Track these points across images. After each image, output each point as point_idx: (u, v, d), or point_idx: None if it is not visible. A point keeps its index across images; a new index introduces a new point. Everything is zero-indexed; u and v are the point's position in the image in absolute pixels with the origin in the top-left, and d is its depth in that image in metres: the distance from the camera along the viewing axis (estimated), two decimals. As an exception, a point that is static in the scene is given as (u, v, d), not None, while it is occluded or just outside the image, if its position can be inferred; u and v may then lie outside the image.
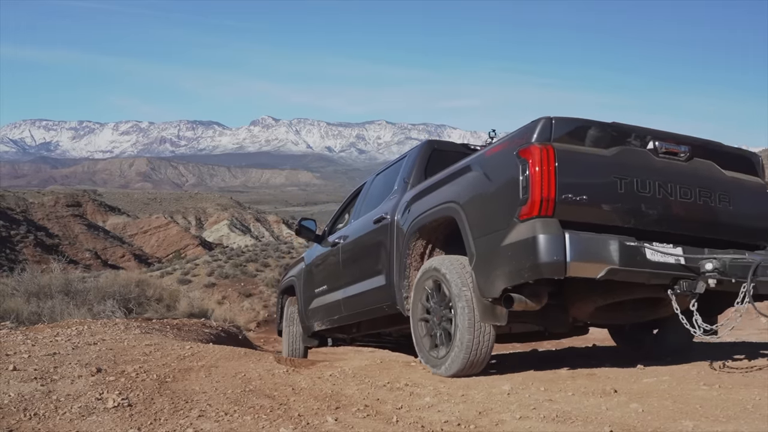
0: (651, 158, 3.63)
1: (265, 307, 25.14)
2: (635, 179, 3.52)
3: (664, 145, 3.68)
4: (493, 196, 3.65)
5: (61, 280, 11.82)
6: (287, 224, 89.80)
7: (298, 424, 2.86)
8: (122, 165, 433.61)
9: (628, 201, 3.49)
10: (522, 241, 3.35)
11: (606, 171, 3.49)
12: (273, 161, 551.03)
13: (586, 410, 2.93)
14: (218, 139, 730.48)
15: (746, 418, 2.66)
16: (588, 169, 3.47)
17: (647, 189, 3.54)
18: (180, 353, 4.63)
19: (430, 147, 5.02)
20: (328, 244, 5.93)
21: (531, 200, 3.34)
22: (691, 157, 3.74)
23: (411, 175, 4.85)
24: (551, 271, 3.26)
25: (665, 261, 3.45)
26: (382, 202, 5.08)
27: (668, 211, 3.58)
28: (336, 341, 6.61)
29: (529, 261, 3.31)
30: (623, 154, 3.57)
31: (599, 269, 3.30)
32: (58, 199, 69.14)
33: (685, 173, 3.68)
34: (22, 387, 3.35)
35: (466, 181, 3.90)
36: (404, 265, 4.47)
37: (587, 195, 3.40)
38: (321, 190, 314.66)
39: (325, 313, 5.86)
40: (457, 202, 3.90)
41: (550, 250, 3.24)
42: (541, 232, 3.28)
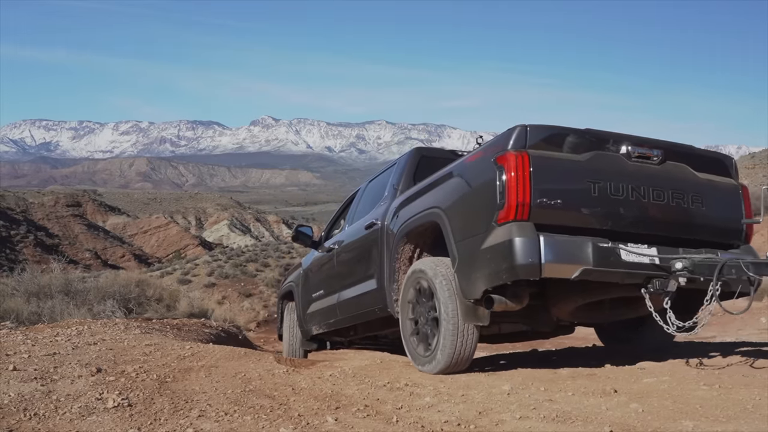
0: (624, 162, 3.76)
1: (265, 307, 25.16)
2: (608, 183, 3.64)
3: (636, 150, 3.80)
4: (473, 202, 3.80)
5: (61, 280, 11.82)
6: (287, 224, 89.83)
7: (298, 424, 2.86)
8: (122, 165, 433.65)
9: (602, 204, 3.62)
10: (499, 244, 3.49)
11: (580, 176, 3.63)
12: (273, 161, 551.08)
13: (586, 410, 2.93)
14: (218, 139, 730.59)
15: (746, 418, 2.66)
16: (562, 175, 3.61)
17: (620, 192, 3.66)
18: (180, 353, 4.63)
19: (419, 154, 5.17)
20: (324, 250, 6.08)
21: (507, 205, 3.49)
22: (663, 160, 3.86)
23: (400, 182, 5.00)
24: (527, 273, 3.40)
25: (639, 261, 3.58)
26: (374, 208, 5.22)
27: (642, 213, 3.71)
28: (334, 344, 6.77)
29: (506, 263, 3.45)
30: (596, 159, 3.70)
31: (574, 270, 3.44)
32: (58, 199, 69.15)
33: (657, 176, 3.80)
34: (22, 387, 3.35)
35: (449, 187, 4.06)
36: (393, 269, 4.60)
37: (561, 199, 3.55)
38: (321, 190, 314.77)
39: (322, 316, 6.00)
40: (440, 207, 4.05)
41: (525, 252, 3.39)
42: (516, 235, 3.43)
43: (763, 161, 40.79)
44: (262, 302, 25.95)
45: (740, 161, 47.04)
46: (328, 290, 5.86)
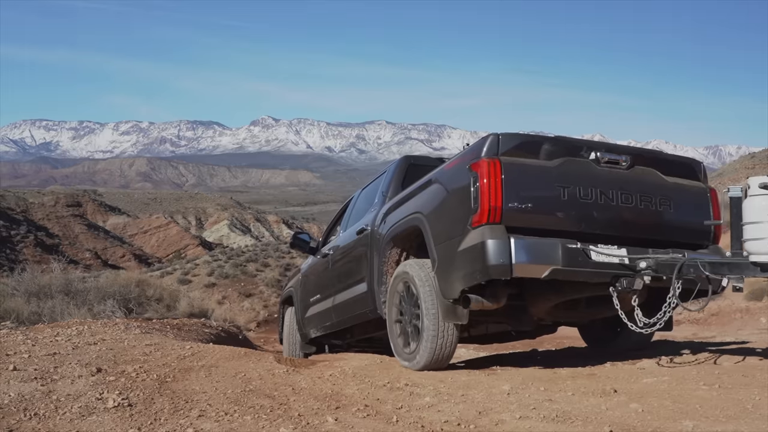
0: (593, 168, 3.95)
1: (265, 307, 25.15)
2: (578, 187, 3.84)
3: (605, 156, 3.99)
4: (450, 207, 4.00)
5: (61, 280, 11.82)
6: (287, 224, 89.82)
7: (298, 424, 2.87)
8: (122, 165, 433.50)
9: (572, 208, 3.82)
10: (473, 246, 3.70)
11: (550, 181, 3.82)
12: (273, 161, 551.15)
13: (586, 410, 2.93)
14: (218, 139, 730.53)
15: (746, 418, 2.66)
16: (533, 180, 3.81)
17: (590, 196, 3.86)
18: (180, 353, 4.63)
19: (407, 162, 5.38)
20: (321, 255, 6.31)
21: (481, 209, 3.70)
22: (632, 165, 4.05)
23: (389, 189, 5.21)
24: (498, 273, 3.61)
25: (608, 261, 3.76)
26: (365, 215, 5.44)
27: (611, 215, 3.89)
28: (333, 348, 6.93)
29: (479, 264, 3.65)
30: (566, 165, 3.89)
31: (543, 270, 3.64)
32: (58, 199, 69.14)
33: (626, 180, 3.98)
34: (22, 387, 3.35)
35: (429, 193, 4.28)
36: (382, 272, 4.81)
37: (532, 203, 3.76)
38: (321, 190, 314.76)
39: (318, 320, 6.22)
40: (421, 212, 4.27)
41: (496, 253, 3.60)
42: (489, 237, 3.63)
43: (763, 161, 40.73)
44: (262, 302, 25.94)
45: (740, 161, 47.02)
46: (324, 294, 6.05)
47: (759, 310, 13.91)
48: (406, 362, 4.34)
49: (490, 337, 5.58)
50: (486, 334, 5.30)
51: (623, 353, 4.79)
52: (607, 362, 4.44)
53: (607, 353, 4.80)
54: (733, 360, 4.12)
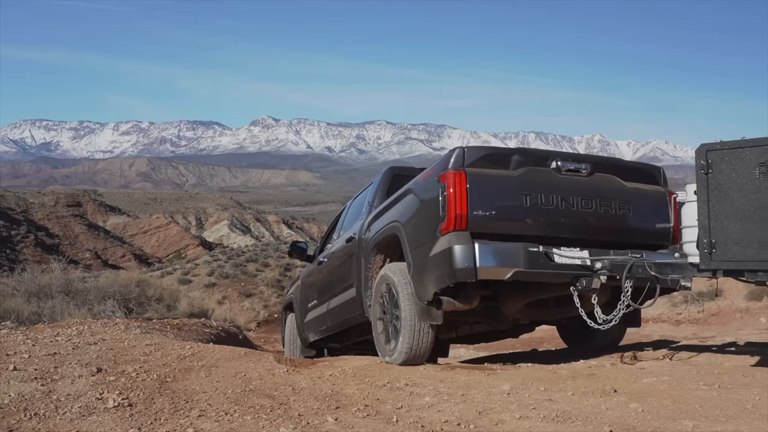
0: (554, 176, 4.21)
1: (265, 307, 25.14)
2: (539, 195, 4.11)
3: (565, 165, 4.25)
4: (422, 215, 4.28)
5: (62, 280, 11.81)
6: (287, 224, 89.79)
7: (298, 424, 2.87)
8: (122, 165, 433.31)
9: (534, 214, 4.09)
10: (442, 251, 3.98)
11: (513, 189, 4.10)
12: (273, 161, 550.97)
13: (586, 410, 2.93)
14: (218, 139, 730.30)
15: (746, 418, 2.66)
16: (497, 189, 4.09)
17: (551, 202, 4.12)
18: (180, 353, 4.63)
19: (392, 173, 5.63)
20: (317, 263, 6.62)
21: (448, 217, 3.98)
22: (592, 172, 4.31)
23: (375, 199, 5.46)
24: (464, 276, 3.89)
25: (569, 263, 4.03)
26: (354, 224, 5.72)
27: (572, 220, 4.16)
28: (331, 351, 7.19)
29: (447, 268, 3.93)
30: (528, 174, 4.16)
31: (506, 272, 3.91)
32: (58, 199, 69.10)
33: (586, 187, 4.25)
34: (22, 387, 3.36)
35: (405, 203, 4.58)
36: (367, 278, 5.08)
37: (496, 210, 4.03)
38: (321, 190, 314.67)
39: (316, 324, 6.52)
40: (399, 221, 4.57)
41: (462, 258, 3.87)
42: (455, 243, 3.91)
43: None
44: (263, 302, 25.92)
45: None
46: (320, 300, 6.35)
47: (759, 310, 13.91)
48: (387, 358, 4.63)
49: (474, 337, 5.88)
50: (471, 334, 5.58)
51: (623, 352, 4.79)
52: (607, 362, 4.45)
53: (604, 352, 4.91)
54: (733, 360, 4.12)
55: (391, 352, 4.58)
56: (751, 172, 3.10)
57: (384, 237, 4.78)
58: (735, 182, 3.16)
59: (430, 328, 4.37)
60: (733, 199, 3.16)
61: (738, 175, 3.15)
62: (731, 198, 3.17)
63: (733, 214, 3.16)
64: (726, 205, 3.18)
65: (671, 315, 15.90)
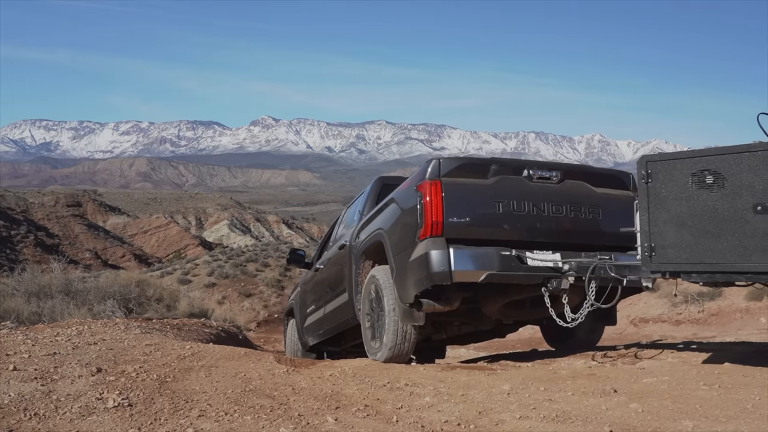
0: (526, 184, 4.44)
1: (265, 307, 25.14)
2: (512, 202, 4.34)
3: (537, 173, 4.49)
4: (403, 223, 4.52)
5: (62, 280, 11.80)
6: (287, 224, 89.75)
7: (298, 424, 2.87)
8: (122, 165, 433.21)
9: (507, 220, 4.32)
10: (420, 256, 4.22)
11: (486, 197, 4.33)
12: (273, 161, 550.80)
13: (586, 410, 2.93)
14: (218, 139, 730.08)
15: (746, 418, 2.66)
16: (471, 197, 4.31)
17: (523, 208, 4.35)
18: (180, 353, 4.63)
19: (381, 182, 5.86)
20: (314, 270, 6.90)
21: (425, 224, 4.22)
22: (562, 179, 4.53)
23: (364, 208, 5.69)
24: (440, 279, 4.13)
25: (541, 265, 4.24)
26: (347, 231, 5.96)
27: (543, 224, 4.39)
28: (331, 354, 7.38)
29: (425, 272, 4.18)
30: (501, 183, 4.39)
31: (480, 275, 4.14)
32: (58, 199, 69.09)
33: (556, 193, 4.48)
34: (22, 387, 3.35)
35: (389, 211, 4.82)
36: (357, 283, 5.31)
37: (470, 217, 4.27)
38: (321, 190, 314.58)
39: (314, 328, 6.78)
40: (383, 228, 4.81)
41: (438, 262, 4.12)
42: (431, 249, 4.16)
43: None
44: (262, 302, 25.92)
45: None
46: (317, 305, 6.60)
47: (759, 310, 13.90)
48: (372, 355, 4.88)
49: (463, 338, 6.14)
50: (460, 335, 5.83)
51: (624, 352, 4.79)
52: (607, 362, 4.45)
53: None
54: (733, 360, 4.12)
55: (375, 350, 4.83)
56: (684, 182, 3.33)
57: (371, 244, 5.02)
58: (671, 191, 3.39)
59: (413, 329, 4.60)
60: (670, 206, 3.39)
61: (674, 185, 3.38)
62: (668, 206, 3.40)
63: (669, 221, 3.40)
64: (663, 213, 3.42)
65: (671, 315, 15.90)
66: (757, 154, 3.09)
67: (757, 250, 3.09)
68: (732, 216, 3.17)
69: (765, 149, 3.08)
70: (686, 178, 3.32)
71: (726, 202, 3.19)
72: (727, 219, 3.18)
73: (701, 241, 3.27)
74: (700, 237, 3.27)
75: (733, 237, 3.16)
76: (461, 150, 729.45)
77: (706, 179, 3.25)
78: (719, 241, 3.21)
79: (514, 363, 4.85)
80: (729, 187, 3.18)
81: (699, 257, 3.28)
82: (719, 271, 3.27)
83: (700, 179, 3.27)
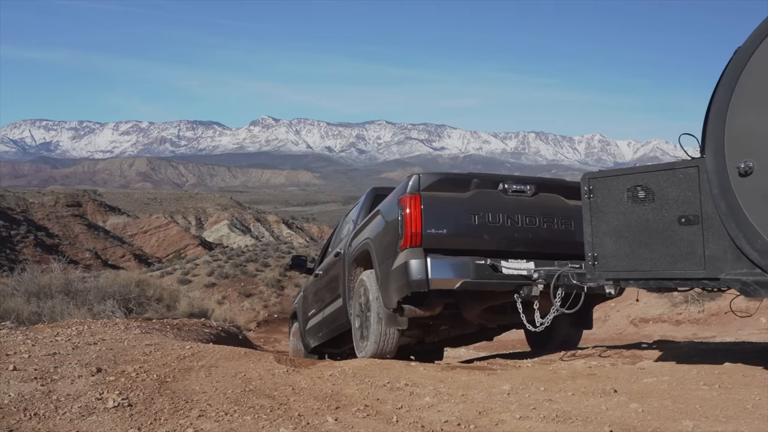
0: (501, 197, 4.72)
1: (265, 307, 25.13)
2: (487, 214, 4.61)
3: (512, 186, 4.76)
4: (387, 233, 4.81)
5: (61, 280, 11.79)
6: (287, 224, 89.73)
7: (298, 424, 2.87)
8: (122, 165, 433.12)
9: (483, 231, 4.59)
10: (401, 265, 4.52)
11: (463, 209, 4.59)
12: (273, 161, 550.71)
13: (586, 410, 2.93)
14: (218, 139, 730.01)
15: (746, 418, 2.66)
16: (448, 209, 4.57)
17: (498, 220, 4.63)
18: (180, 353, 4.62)
19: (374, 193, 6.14)
20: (314, 275, 7.22)
21: (405, 235, 4.51)
22: (536, 192, 4.81)
23: (358, 217, 5.97)
24: (418, 286, 4.44)
25: (514, 273, 4.53)
26: (342, 239, 6.26)
27: (517, 235, 4.66)
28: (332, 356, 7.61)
29: (404, 279, 4.48)
30: (477, 196, 4.66)
31: (455, 283, 4.45)
32: (58, 199, 69.07)
33: (530, 206, 4.75)
34: (22, 387, 3.35)
35: (376, 222, 5.12)
36: (350, 288, 5.62)
37: (447, 229, 4.53)
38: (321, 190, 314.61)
39: (315, 331, 7.10)
40: (370, 238, 5.12)
41: (416, 271, 4.41)
42: (410, 258, 4.46)
43: None
44: (262, 302, 25.91)
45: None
46: (317, 309, 6.91)
47: (759, 310, 13.89)
48: (359, 353, 5.22)
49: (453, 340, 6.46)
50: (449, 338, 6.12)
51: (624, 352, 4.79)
52: (607, 362, 4.45)
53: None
54: (733, 360, 4.12)
55: (362, 348, 5.18)
56: (621, 197, 3.62)
57: (360, 252, 5.32)
58: (609, 205, 3.67)
59: (396, 332, 4.91)
60: (609, 219, 3.68)
61: (612, 200, 3.66)
62: (607, 219, 3.69)
63: (609, 232, 3.68)
64: (604, 225, 3.70)
65: (671, 315, 15.91)
66: (680, 171, 3.41)
67: (682, 258, 3.38)
68: (661, 227, 3.47)
69: (687, 167, 3.38)
70: (622, 193, 3.61)
71: (655, 215, 3.48)
72: (657, 230, 3.48)
73: (636, 251, 3.56)
74: (635, 247, 3.56)
75: (662, 246, 3.46)
76: (461, 150, 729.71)
77: (638, 194, 3.55)
78: (651, 250, 3.50)
79: (514, 363, 4.86)
80: (658, 201, 3.47)
81: (634, 265, 3.58)
82: (652, 278, 3.56)
83: (634, 194, 3.56)
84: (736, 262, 3.19)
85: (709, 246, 3.29)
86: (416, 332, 5.48)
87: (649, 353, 4.70)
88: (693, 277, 3.40)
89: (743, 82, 3.12)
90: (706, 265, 3.30)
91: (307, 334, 7.49)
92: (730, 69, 3.18)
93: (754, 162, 3.07)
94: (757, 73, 3.08)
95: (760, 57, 3.06)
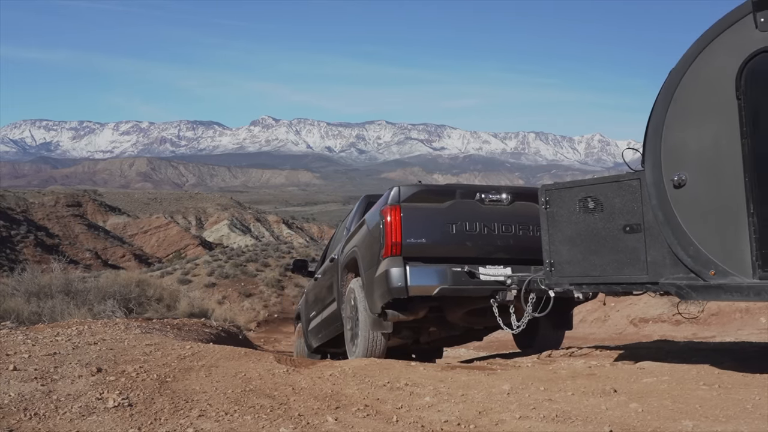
0: (478, 206, 4.93)
1: (265, 307, 25.13)
2: (465, 223, 4.81)
3: (489, 196, 4.97)
4: (371, 242, 5.03)
5: (62, 280, 11.79)
6: (287, 224, 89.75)
7: (298, 424, 2.87)
8: (122, 165, 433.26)
9: (460, 239, 4.80)
10: (382, 273, 4.73)
11: (441, 219, 4.81)
12: (273, 161, 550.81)
13: (586, 410, 2.93)
14: (218, 139, 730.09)
15: (746, 418, 2.66)
16: (427, 219, 4.80)
17: (475, 229, 4.83)
18: (180, 353, 4.63)
19: (367, 200, 6.26)
20: (314, 279, 7.49)
21: (386, 244, 4.73)
22: (512, 201, 5.00)
23: (351, 224, 6.14)
24: (397, 293, 4.66)
25: (491, 279, 4.72)
26: (337, 245, 6.48)
27: (494, 242, 4.85)
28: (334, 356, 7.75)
29: (386, 287, 4.69)
30: (455, 206, 4.88)
31: (433, 289, 4.67)
32: (58, 199, 69.08)
33: (506, 214, 4.95)
34: (22, 387, 3.35)
35: (362, 231, 5.35)
36: (342, 293, 5.85)
37: (426, 238, 4.76)
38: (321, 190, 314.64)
39: (316, 332, 7.36)
40: (357, 246, 5.37)
41: (396, 278, 4.64)
42: (391, 266, 4.68)
43: None
44: (262, 302, 25.91)
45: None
46: (318, 311, 7.16)
47: (759, 310, 13.90)
48: (350, 355, 5.43)
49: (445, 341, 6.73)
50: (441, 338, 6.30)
51: (626, 354, 4.79)
52: (607, 362, 4.45)
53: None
54: (733, 360, 4.12)
55: (352, 351, 5.42)
56: (573, 207, 3.83)
57: (349, 259, 5.56)
58: (564, 215, 3.88)
59: (382, 336, 5.11)
60: (564, 228, 3.88)
61: (565, 210, 3.87)
62: (562, 227, 3.89)
63: (564, 240, 3.89)
64: (559, 233, 3.91)
65: (671, 315, 15.91)
66: (624, 183, 3.64)
67: (627, 264, 3.59)
68: (608, 235, 3.69)
69: (630, 179, 3.61)
70: (575, 203, 3.82)
71: (603, 224, 3.70)
72: (605, 238, 3.70)
73: (587, 258, 3.77)
74: (586, 254, 3.78)
75: (610, 253, 3.68)
76: (461, 150, 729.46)
77: (588, 205, 3.76)
78: (600, 257, 3.72)
79: (514, 363, 4.86)
80: (606, 211, 3.69)
81: (586, 271, 3.80)
82: (602, 283, 3.76)
83: (585, 205, 3.78)
84: (674, 268, 3.42)
85: (650, 253, 3.52)
86: (407, 334, 5.69)
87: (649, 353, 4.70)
88: (637, 281, 3.61)
89: (676, 100, 3.35)
90: (648, 270, 3.52)
91: (309, 334, 7.76)
92: (665, 88, 3.40)
93: (687, 174, 3.30)
94: (688, 92, 3.31)
95: (690, 77, 3.31)
